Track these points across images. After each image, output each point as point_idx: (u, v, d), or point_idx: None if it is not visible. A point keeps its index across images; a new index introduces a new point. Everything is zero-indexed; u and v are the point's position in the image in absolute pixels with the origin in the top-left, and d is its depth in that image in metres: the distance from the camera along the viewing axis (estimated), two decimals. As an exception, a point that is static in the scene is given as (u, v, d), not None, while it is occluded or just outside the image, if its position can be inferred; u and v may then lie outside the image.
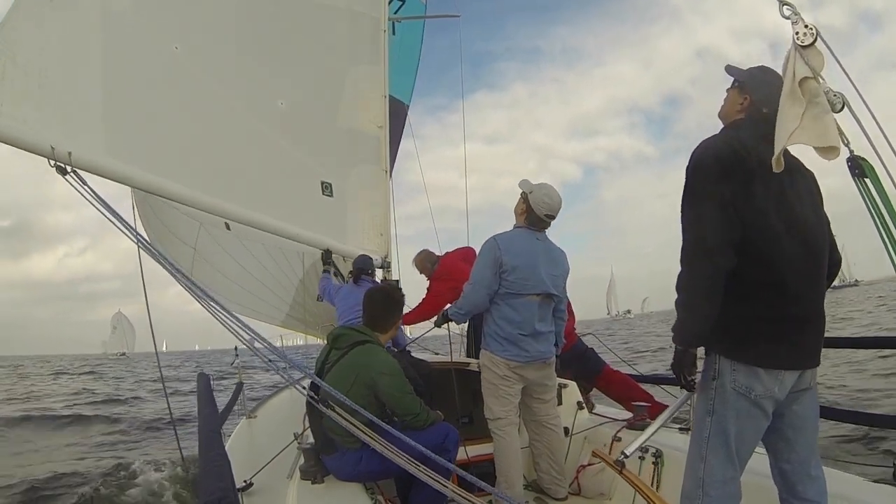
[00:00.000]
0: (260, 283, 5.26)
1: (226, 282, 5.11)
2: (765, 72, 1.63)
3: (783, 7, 1.13)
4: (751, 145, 1.48)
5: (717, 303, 1.46)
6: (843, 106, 1.09)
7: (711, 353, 1.55)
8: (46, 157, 2.22)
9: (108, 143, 2.50)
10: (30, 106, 2.27)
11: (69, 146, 2.27)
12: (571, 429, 3.02)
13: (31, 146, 2.24)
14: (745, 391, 1.48)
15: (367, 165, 3.74)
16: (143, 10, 2.72)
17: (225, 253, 4.96)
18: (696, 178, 1.50)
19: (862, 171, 1.15)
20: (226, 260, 5.00)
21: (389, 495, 2.37)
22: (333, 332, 2.37)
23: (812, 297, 1.53)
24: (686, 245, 1.49)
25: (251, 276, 5.20)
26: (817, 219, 1.58)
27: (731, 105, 1.65)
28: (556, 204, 2.65)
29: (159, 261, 2.16)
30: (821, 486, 1.58)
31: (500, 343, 2.59)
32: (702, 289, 1.46)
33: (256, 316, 5.41)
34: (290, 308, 5.52)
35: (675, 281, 1.53)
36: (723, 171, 1.45)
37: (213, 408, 2.54)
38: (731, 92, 1.67)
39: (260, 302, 5.39)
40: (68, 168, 2.23)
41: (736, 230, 1.44)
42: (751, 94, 1.60)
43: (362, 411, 1.85)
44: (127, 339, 79.28)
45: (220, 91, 3.05)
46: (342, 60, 3.66)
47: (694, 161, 1.52)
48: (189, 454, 4.86)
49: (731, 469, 1.52)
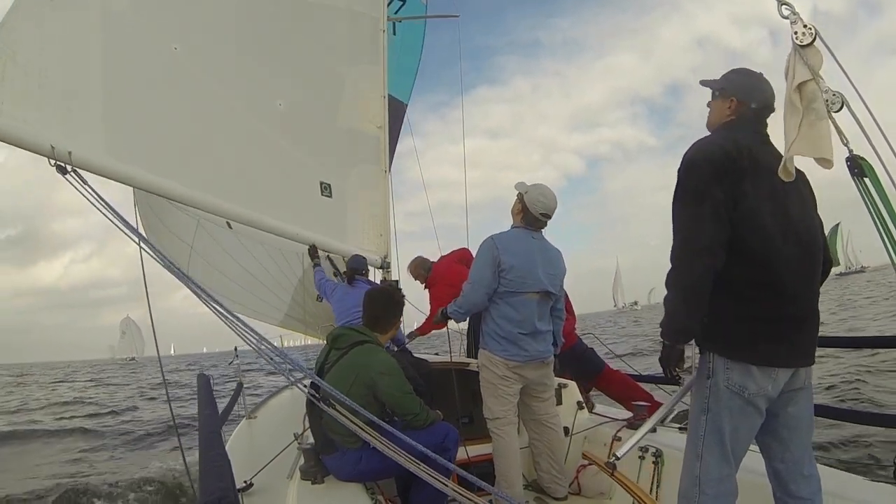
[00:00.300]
0: (259, 283, 5.22)
1: (224, 280, 5.05)
2: (740, 72, 1.67)
3: (782, 7, 1.14)
4: (744, 145, 1.50)
5: (706, 301, 1.48)
6: (842, 105, 1.09)
7: (705, 351, 1.57)
8: (47, 156, 2.21)
9: (109, 143, 2.50)
10: (30, 105, 2.26)
11: (69, 145, 2.27)
12: (571, 428, 3.03)
13: (31, 145, 2.23)
14: (739, 390, 1.49)
15: (366, 165, 3.74)
16: (142, 11, 2.71)
17: (223, 252, 4.92)
18: (688, 178, 1.52)
19: (861, 170, 1.15)
20: (224, 259, 4.95)
21: (389, 495, 2.37)
22: (333, 332, 2.37)
23: (808, 296, 1.54)
24: (676, 244, 1.52)
25: (250, 275, 5.16)
26: (809, 219, 1.59)
27: (719, 112, 1.67)
28: (551, 203, 2.68)
29: (162, 261, 2.16)
30: (814, 485, 1.59)
31: (499, 342, 2.59)
32: (690, 287, 1.49)
33: (255, 315, 5.37)
34: (289, 308, 5.49)
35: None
36: (714, 172, 1.47)
37: (213, 408, 2.53)
38: (715, 102, 1.69)
39: (259, 301, 5.35)
40: (68, 167, 2.22)
41: (726, 231, 1.46)
42: (735, 96, 1.62)
43: (362, 411, 1.85)
44: (136, 343, 79.28)
45: (220, 91, 3.05)
46: (342, 60, 3.66)
47: (686, 162, 1.54)
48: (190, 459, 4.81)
49: (726, 467, 1.54)
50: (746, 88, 1.61)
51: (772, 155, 1.56)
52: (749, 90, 1.61)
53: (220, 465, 1.62)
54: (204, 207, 2.92)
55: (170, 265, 2.13)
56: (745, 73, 1.66)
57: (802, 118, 1.18)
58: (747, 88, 1.61)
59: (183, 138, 2.88)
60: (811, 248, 1.55)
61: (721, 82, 1.68)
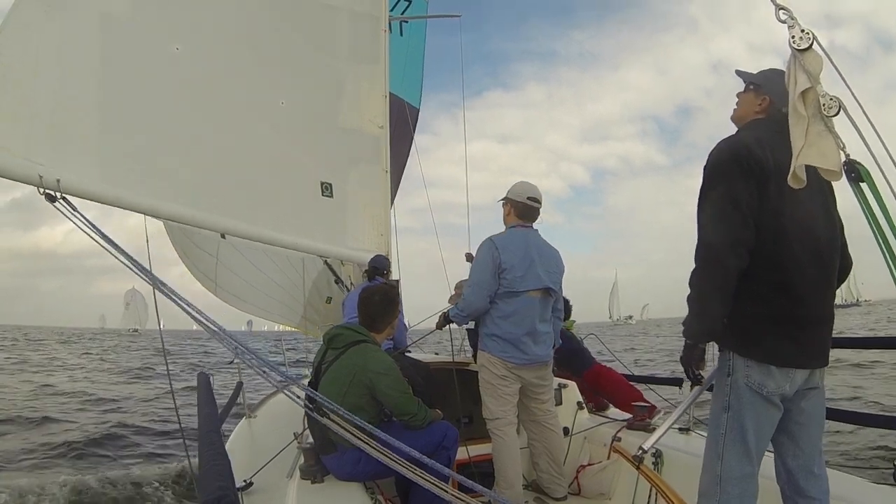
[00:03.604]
0: (279, 287, 5.35)
1: (248, 288, 5.20)
2: (778, 73, 1.62)
3: (779, 11, 1.13)
4: (769, 146, 1.49)
5: (728, 301, 1.48)
6: (839, 110, 1.09)
7: (725, 350, 1.58)
8: (34, 185, 2.13)
9: (102, 165, 2.45)
10: (18, 129, 2.20)
11: (59, 171, 2.18)
12: (571, 429, 3.03)
13: (17, 176, 2.16)
14: (758, 388, 1.50)
15: (367, 165, 3.74)
16: (143, 12, 2.70)
17: (245, 260, 5.03)
18: (714, 177, 1.51)
19: (858, 175, 1.15)
20: (246, 267, 5.06)
21: (389, 495, 2.38)
22: (330, 331, 2.36)
23: (817, 299, 1.54)
24: (700, 243, 1.51)
25: (272, 282, 5.29)
26: (829, 221, 1.59)
27: (748, 107, 1.65)
28: (534, 187, 2.74)
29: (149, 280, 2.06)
30: (823, 485, 1.60)
31: (498, 343, 2.60)
32: (713, 287, 1.48)
33: (279, 320, 5.66)
34: (305, 310, 5.65)
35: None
36: (740, 171, 1.46)
37: (212, 407, 2.54)
38: (746, 95, 1.67)
39: (281, 306, 5.52)
40: (57, 195, 2.14)
41: (751, 230, 1.45)
42: (770, 94, 1.60)
43: (357, 420, 1.85)
44: (140, 315, 79.35)
45: (222, 91, 3.04)
46: (343, 60, 3.66)
47: (712, 160, 1.53)
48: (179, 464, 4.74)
49: (748, 465, 1.53)
50: (781, 92, 1.55)
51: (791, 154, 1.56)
52: (783, 94, 1.58)
53: (220, 464, 1.63)
54: (202, 225, 2.89)
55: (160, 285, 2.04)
56: (783, 76, 1.64)
57: (809, 125, 1.18)
58: (782, 92, 1.55)
59: (182, 147, 2.85)
60: (825, 250, 1.55)
61: (759, 78, 1.65)
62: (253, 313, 5.64)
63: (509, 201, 2.75)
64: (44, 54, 2.32)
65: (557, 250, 2.79)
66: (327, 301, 5.34)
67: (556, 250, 2.79)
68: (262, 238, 3.17)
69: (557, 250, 2.79)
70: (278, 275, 5.25)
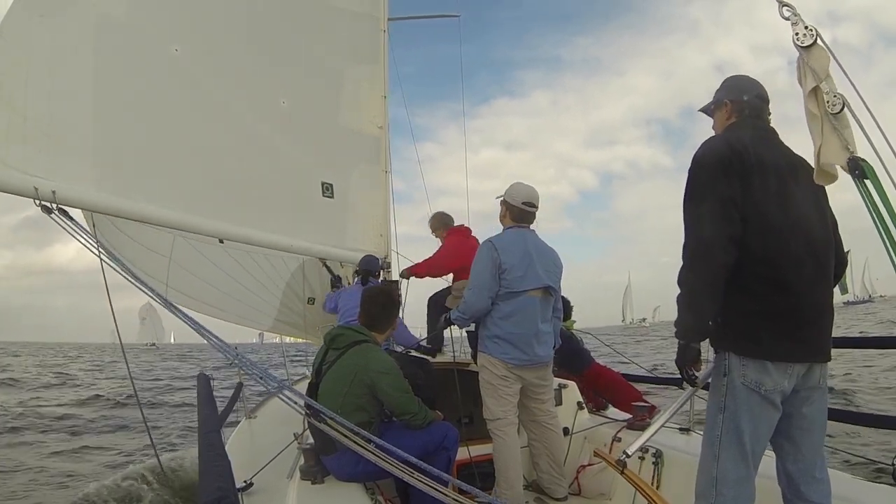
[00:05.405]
0: (244, 288, 4.91)
1: (206, 288, 4.72)
2: (724, 81, 1.77)
3: (783, 8, 1.13)
4: (749, 143, 1.52)
5: (718, 297, 1.49)
6: (843, 107, 1.09)
7: (720, 350, 1.57)
8: (30, 197, 2.11)
9: (98, 173, 2.43)
10: (14, 140, 2.17)
11: (54, 183, 2.17)
12: (571, 429, 3.02)
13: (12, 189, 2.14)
14: (756, 386, 1.49)
15: (367, 166, 3.74)
16: (140, 13, 2.68)
17: (205, 259, 4.57)
18: (698, 176, 1.53)
19: (862, 171, 1.15)
20: (206, 266, 4.60)
21: (389, 495, 2.37)
22: (331, 332, 2.37)
23: (814, 293, 1.53)
24: (688, 242, 1.52)
25: (234, 281, 4.84)
26: (821, 217, 1.59)
27: (721, 121, 1.75)
28: (531, 191, 2.72)
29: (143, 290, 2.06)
30: (825, 489, 1.58)
31: (499, 344, 2.59)
32: (703, 283, 1.49)
33: (241, 322, 5.15)
34: (279, 312, 5.24)
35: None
36: (724, 169, 1.48)
37: (212, 408, 2.53)
38: (715, 116, 1.78)
39: (245, 307, 5.06)
40: (53, 206, 2.13)
41: (736, 226, 1.46)
42: (726, 97, 1.70)
43: (354, 427, 1.85)
44: (156, 330, 79.36)
45: (223, 92, 3.03)
46: (342, 60, 3.67)
47: (696, 160, 1.56)
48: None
49: (744, 467, 1.52)
50: (733, 87, 1.70)
51: (779, 152, 1.57)
52: (736, 87, 1.69)
53: (220, 464, 1.62)
54: (202, 231, 2.87)
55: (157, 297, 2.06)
56: (729, 77, 1.76)
57: (823, 123, 1.18)
58: (734, 87, 1.70)
59: (181, 152, 2.83)
60: (818, 244, 1.55)
61: (714, 98, 1.77)
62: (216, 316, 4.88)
63: (505, 203, 2.75)
64: (38, 64, 2.29)
65: (555, 250, 2.79)
66: (309, 302, 5.03)
67: (554, 250, 2.79)
68: (263, 243, 3.15)
69: (555, 250, 2.79)
70: (244, 275, 4.82)
